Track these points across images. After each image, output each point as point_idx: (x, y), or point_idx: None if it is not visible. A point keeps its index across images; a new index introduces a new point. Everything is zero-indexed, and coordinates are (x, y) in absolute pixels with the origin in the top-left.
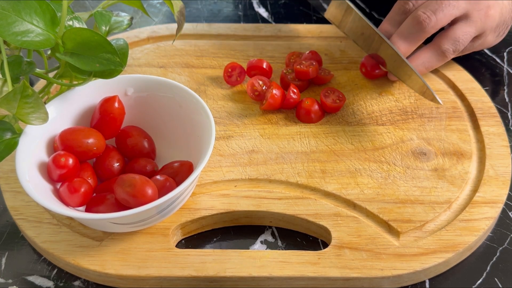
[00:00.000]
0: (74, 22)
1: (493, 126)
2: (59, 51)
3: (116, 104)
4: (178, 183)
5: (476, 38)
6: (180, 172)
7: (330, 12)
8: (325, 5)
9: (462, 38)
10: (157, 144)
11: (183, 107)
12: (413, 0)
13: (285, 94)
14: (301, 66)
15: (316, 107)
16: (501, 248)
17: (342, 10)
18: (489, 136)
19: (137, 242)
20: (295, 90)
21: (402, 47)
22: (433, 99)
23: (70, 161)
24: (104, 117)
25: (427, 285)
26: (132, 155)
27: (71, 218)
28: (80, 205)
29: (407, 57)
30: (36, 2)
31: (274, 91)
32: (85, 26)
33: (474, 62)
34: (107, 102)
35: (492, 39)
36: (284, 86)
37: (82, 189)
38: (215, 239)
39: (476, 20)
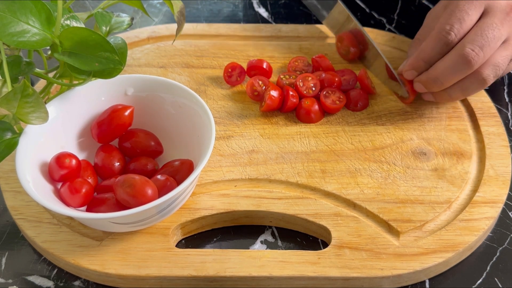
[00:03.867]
0: (72, 21)
1: (493, 126)
2: (57, 51)
3: (127, 113)
4: (178, 182)
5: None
6: (180, 170)
7: (330, 19)
8: (324, 13)
9: (502, 63)
10: None
11: (183, 107)
12: (455, 30)
13: (283, 94)
14: (327, 100)
15: (316, 107)
16: (501, 248)
17: (341, 19)
18: (489, 136)
19: (137, 242)
20: (293, 94)
21: (447, 82)
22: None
23: (73, 161)
24: (112, 122)
25: (427, 285)
26: (137, 155)
27: (71, 218)
28: (81, 206)
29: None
30: (31, 2)
31: (272, 92)
32: (82, 25)
33: None
34: (120, 111)
35: None
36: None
37: (83, 190)
38: (215, 239)
39: None
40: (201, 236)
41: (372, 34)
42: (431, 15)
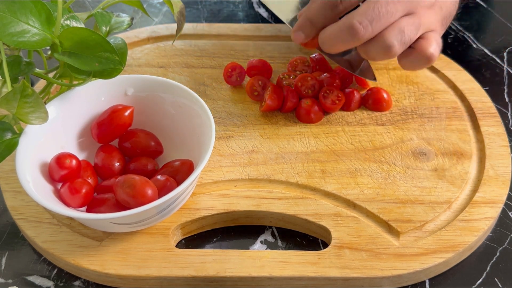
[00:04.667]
0: (72, 21)
1: (493, 126)
2: (57, 51)
3: (127, 114)
4: (178, 182)
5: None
6: (180, 171)
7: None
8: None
9: (408, 29)
10: None
11: (183, 107)
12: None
13: (283, 94)
14: (326, 101)
15: (316, 107)
16: (501, 248)
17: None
18: (489, 136)
19: (137, 242)
20: (293, 94)
21: (335, 49)
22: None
23: (74, 162)
24: (112, 122)
25: (427, 285)
26: (137, 155)
27: (71, 218)
28: (81, 206)
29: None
30: (31, 2)
31: (272, 92)
32: (82, 25)
33: (474, 62)
34: (120, 111)
35: (441, 33)
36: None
37: (83, 190)
38: (215, 239)
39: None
40: (201, 236)
41: None
42: None
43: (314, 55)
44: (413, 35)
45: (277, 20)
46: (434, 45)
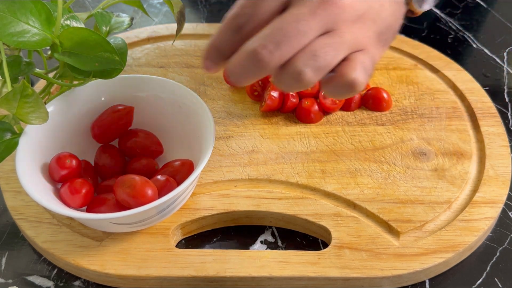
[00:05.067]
0: (72, 21)
1: (493, 126)
2: (57, 51)
3: (127, 114)
4: (178, 182)
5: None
6: (180, 171)
7: None
8: None
9: (321, 51)
10: None
11: (183, 107)
12: (245, 15)
13: (283, 94)
14: (326, 101)
15: (316, 107)
16: (501, 248)
17: None
18: (489, 136)
19: (137, 242)
20: (293, 94)
21: (243, 81)
22: None
23: (74, 162)
24: (112, 122)
25: (427, 285)
26: (137, 155)
27: (71, 218)
28: (81, 206)
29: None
30: (31, 2)
31: (272, 93)
32: (82, 26)
33: (474, 62)
34: (120, 111)
35: (378, 51)
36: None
37: (84, 190)
38: (215, 239)
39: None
40: (201, 236)
41: None
42: None
43: None
44: (331, 58)
45: None
46: (358, 69)
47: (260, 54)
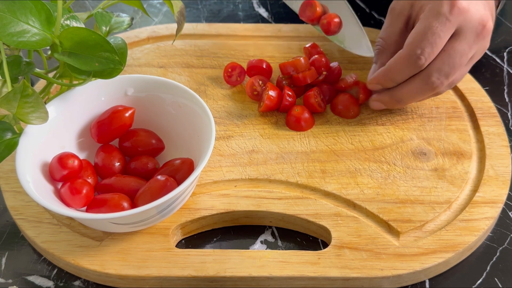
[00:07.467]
0: (72, 21)
1: (493, 126)
2: (57, 51)
3: (127, 115)
4: (178, 181)
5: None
6: (181, 169)
7: None
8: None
9: (458, 79)
10: None
11: (183, 107)
12: (426, 55)
13: (282, 94)
14: (299, 74)
15: (306, 115)
16: (501, 248)
17: None
18: (489, 136)
19: (137, 242)
20: (290, 93)
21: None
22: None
23: (76, 162)
24: (113, 123)
25: (427, 285)
26: (138, 154)
27: (71, 218)
28: (81, 206)
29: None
30: (31, 2)
31: (270, 92)
32: (82, 25)
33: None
34: (121, 112)
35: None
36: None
37: (84, 191)
38: (215, 239)
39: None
40: (201, 236)
41: (372, 34)
42: (395, 11)
43: (308, 45)
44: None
45: (277, 20)
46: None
47: (435, 83)
